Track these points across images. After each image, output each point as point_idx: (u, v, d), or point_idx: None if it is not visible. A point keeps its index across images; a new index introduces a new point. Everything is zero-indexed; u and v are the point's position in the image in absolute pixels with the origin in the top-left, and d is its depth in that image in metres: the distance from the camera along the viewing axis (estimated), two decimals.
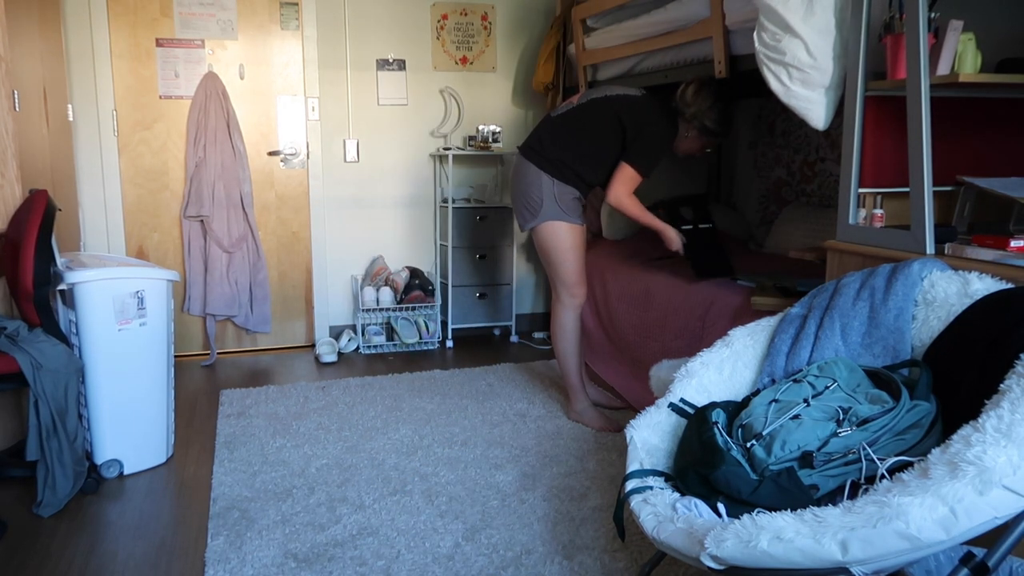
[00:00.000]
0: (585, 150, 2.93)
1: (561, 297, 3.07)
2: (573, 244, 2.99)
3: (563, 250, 2.99)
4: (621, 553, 2.15)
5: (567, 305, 3.07)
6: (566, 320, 3.09)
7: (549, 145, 2.96)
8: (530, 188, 2.97)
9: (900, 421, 1.47)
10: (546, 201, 2.95)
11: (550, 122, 3.02)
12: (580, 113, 2.96)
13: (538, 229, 3.00)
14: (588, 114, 2.95)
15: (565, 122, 2.97)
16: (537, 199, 2.96)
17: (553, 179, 2.94)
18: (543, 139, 2.98)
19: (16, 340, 2.38)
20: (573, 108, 2.99)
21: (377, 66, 4.34)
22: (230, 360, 4.16)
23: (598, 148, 2.93)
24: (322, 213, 4.35)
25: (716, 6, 2.74)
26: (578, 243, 3.01)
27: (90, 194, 3.98)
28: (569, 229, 2.97)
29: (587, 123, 2.94)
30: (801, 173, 4.06)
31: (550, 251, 3.01)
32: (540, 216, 2.97)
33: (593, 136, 2.93)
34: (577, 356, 3.12)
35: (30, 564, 2.12)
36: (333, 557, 2.14)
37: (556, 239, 2.98)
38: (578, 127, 2.94)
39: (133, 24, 3.92)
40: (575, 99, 3.05)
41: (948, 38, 2.00)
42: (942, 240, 2.01)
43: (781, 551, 1.22)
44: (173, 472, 2.73)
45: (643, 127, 2.88)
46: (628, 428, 1.75)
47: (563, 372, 3.15)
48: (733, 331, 1.93)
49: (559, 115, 3.01)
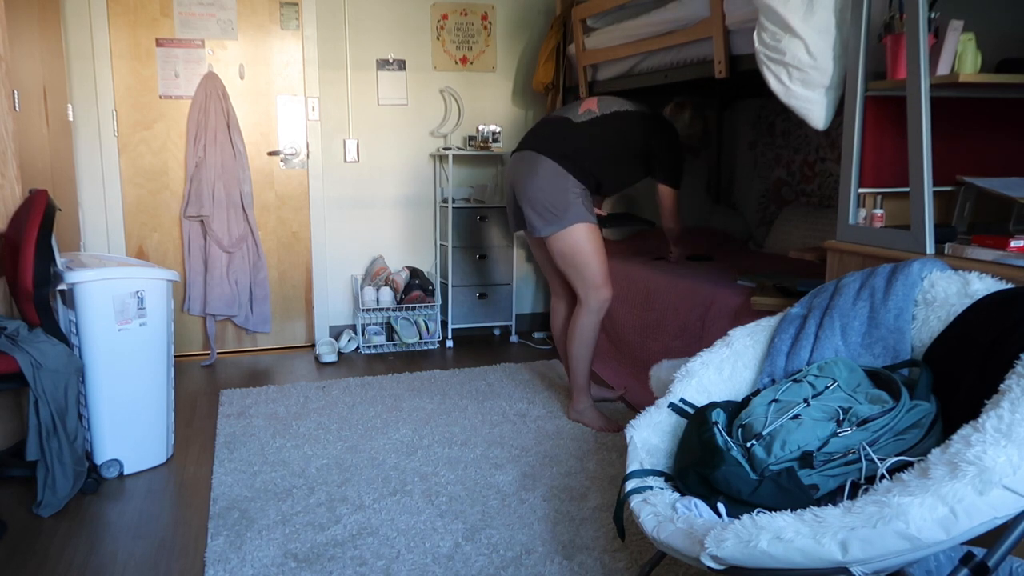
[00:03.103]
0: (609, 162, 2.93)
1: (588, 301, 2.99)
2: (599, 245, 2.96)
3: (590, 252, 2.93)
4: (621, 553, 2.15)
5: (593, 309, 3.00)
6: (590, 324, 3.02)
7: (577, 149, 2.91)
8: (554, 190, 2.89)
9: (900, 421, 1.47)
10: (573, 203, 2.89)
11: (572, 126, 2.95)
12: (606, 124, 2.94)
13: (561, 235, 2.91)
14: (614, 127, 2.94)
15: (591, 130, 2.93)
16: (563, 202, 2.88)
17: (579, 182, 2.91)
18: (570, 142, 2.92)
19: (16, 340, 2.38)
20: (599, 117, 2.96)
21: (377, 66, 4.34)
22: (230, 360, 4.16)
23: (619, 163, 2.95)
24: (322, 213, 4.35)
25: (716, 6, 2.74)
26: (602, 243, 2.98)
27: (90, 194, 3.98)
28: (594, 230, 2.95)
29: (612, 136, 2.94)
30: (801, 173, 4.06)
31: (576, 255, 2.93)
32: (566, 220, 2.89)
33: (619, 149, 2.94)
34: (591, 359, 3.10)
35: (30, 564, 2.12)
36: (333, 557, 2.14)
37: (583, 242, 2.92)
38: (605, 138, 2.93)
39: (133, 24, 3.92)
40: (593, 106, 3.00)
41: (948, 38, 2.00)
42: (942, 240, 2.01)
43: (781, 551, 1.22)
44: (173, 472, 2.73)
45: (670, 150, 2.99)
46: (628, 428, 1.75)
47: (573, 372, 3.12)
48: (733, 331, 1.93)
49: (584, 122, 2.95)
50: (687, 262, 3.56)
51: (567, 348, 3.14)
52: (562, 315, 3.29)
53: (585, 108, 3.02)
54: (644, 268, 3.45)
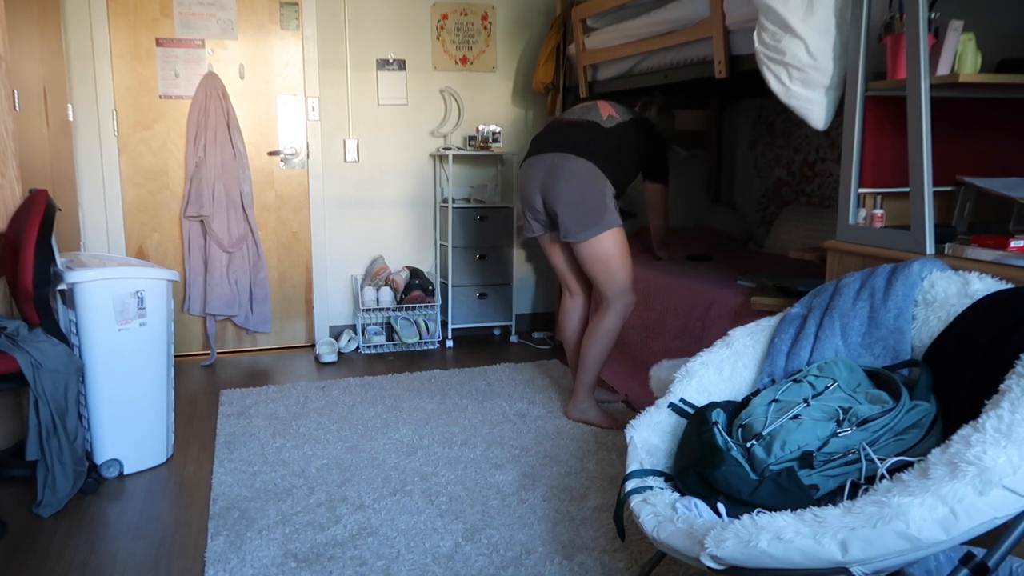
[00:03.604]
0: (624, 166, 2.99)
1: (615, 304, 2.98)
2: (628, 248, 2.98)
3: (622, 255, 2.94)
4: (621, 553, 2.15)
5: (620, 312, 2.99)
6: (614, 327, 3.02)
7: (608, 154, 2.94)
8: (593, 194, 2.87)
9: (900, 421, 1.47)
10: (609, 207, 2.90)
11: (602, 131, 2.97)
12: (626, 131, 3.02)
13: (598, 238, 2.89)
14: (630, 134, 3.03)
15: (616, 136, 2.98)
16: (601, 206, 2.87)
17: (612, 184, 2.93)
18: (602, 145, 2.94)
19: (16, 340, 2.38)
20: (623, 123, 3.02)
21: (377, 66, 4.34)
22: (230, 360, 4.16)
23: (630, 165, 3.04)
24: (322, 213, 4.35)
25: (716, 6, 2.74)
26: (628, 246, 3.01)
27: (90, 194, 3.98)
28: (624, 234, 2.97)
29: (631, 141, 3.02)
30: (801, 173, 4.06)
31: (610, 259, 2.92)
32: (603, 224, 2.88)
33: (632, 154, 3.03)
34: (604, 360, 3.11)
35: (30, 564, 2.12)
36: (333, 557, 2.14)
37: (617, 246, 2.92)
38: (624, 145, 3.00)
39: (133, 24, 3.92)
40: (613, 111, 3.05)
41: (948, 38, 2.00)
42: (942, 240, 2.01)
43: (781, 551, 1.22)
44: (173, 472, 2.73)
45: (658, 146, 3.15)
46: (628, 428, 1.75)
47: (583, 371, 3.10)
48: (733, 331, 1.93)
49: (612, 127, 2.99)
50: (687, 262, 3.56)
51: (583, 347, 3.11)
52: (577, 315, 3.26)
53: (608, 113, 3.05)
54: (644, 268, 3.45)
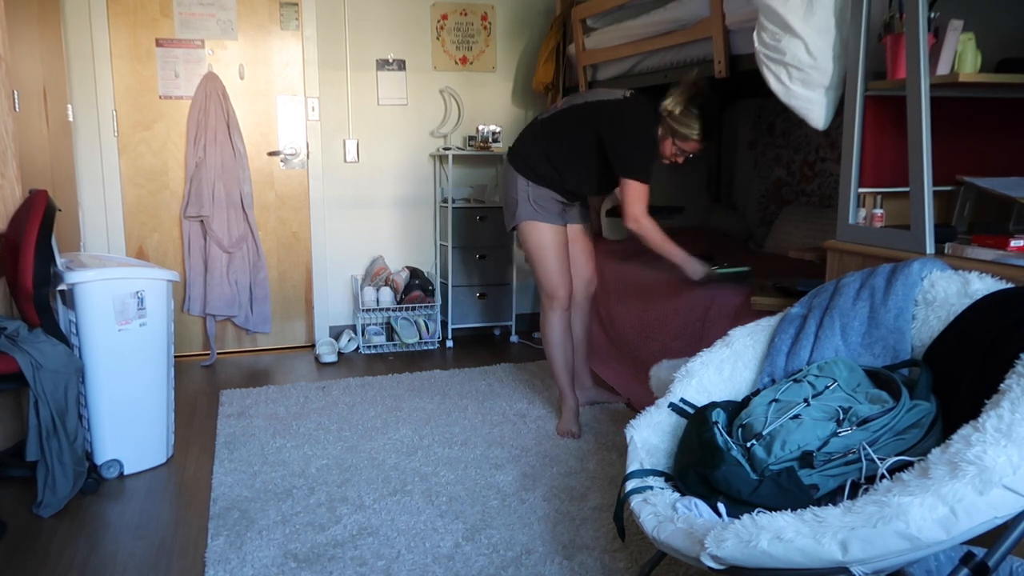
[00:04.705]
0: (566, 158, 2.87)
1: (542, 300, 3.05)
2: (549, 243, 2.94)
3: (538, 248, 2.95)
4: (621, 553, 2.15)
5: (546, 308, 3.03)
6: (546, 324, 3.05)
7: (531, 148, 2.92)
8: (508, 188, 2.98)
9: (900, 421, 1.47)
10: (520, 202, 2.94)
11: (536, 125, 2.99)
12: (560, 120, 2.89)
13: (520, 229, 2.99)
14: (567, 123, 2.87)
15: (546, 127, 2.92)
16: (513, 200, 2.96)
17: (528, 181, 2.91)
18: (527, 141, 2.96)
19: (16, 340, 2.38)
20: (557, 112, 2.93)
21: (377, 66, 4.34)
22: (230, 360, 4.16)
23: (577, 159, 2.86)
24: (322, 213, 4.35)
25: (716, 6, 2.74)
26: (555, 243, 2.94)
27: (90, 194, 3.98)
28: (545, 229, 2.94)
29: (565, 133, 2.87)
30: (801, 173, 4.06)
31: (528, 251, 3.00)
32: (516, 216, 2.96)
33: (571, 146, 2.85)
34: (564, 361, 3.06)
35: (30, 564, 2.12)
36: (333, 557, 2.14)
37: (530, 238, 2.96)
38: (557, 135, 2.88)
39: (133, 24, 3.92)
40: (559, 103, 2.98)
41: (948, 38, 2.00)
42: (942, 240, 2.01)
43: (781, 551, 1.22)
44: (173, 472, 2.73)
45: (621, 137, 2.74)
46: (628, 428, 1.75)
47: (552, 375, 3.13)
48: (733, 331, 1.93)
49: (545, 119, 2.97)
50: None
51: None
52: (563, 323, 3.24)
53: (554, 104, 3.06)
54: (644, 268, 3.45)
